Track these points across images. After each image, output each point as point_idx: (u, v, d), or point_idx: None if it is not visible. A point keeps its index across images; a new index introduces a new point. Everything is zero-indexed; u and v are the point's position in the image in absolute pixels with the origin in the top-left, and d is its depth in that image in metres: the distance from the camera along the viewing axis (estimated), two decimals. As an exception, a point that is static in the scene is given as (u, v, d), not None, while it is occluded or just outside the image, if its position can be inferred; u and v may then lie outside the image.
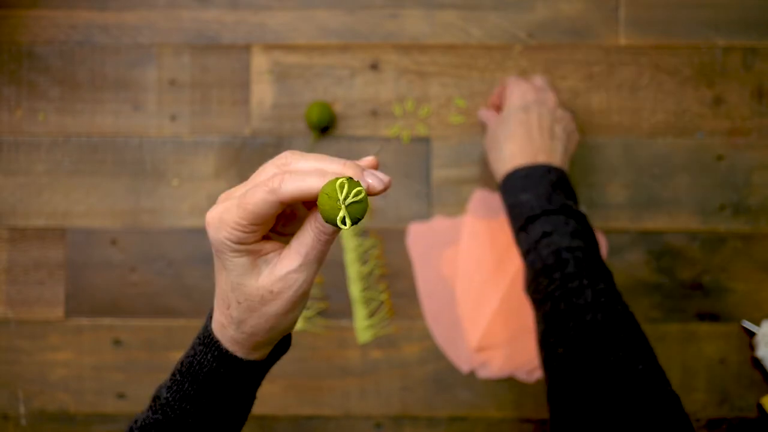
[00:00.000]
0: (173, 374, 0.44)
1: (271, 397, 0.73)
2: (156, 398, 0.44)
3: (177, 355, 0.72)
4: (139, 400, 0.73)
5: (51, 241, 0.75)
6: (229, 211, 0.37)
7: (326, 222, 0.36)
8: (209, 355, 0.42)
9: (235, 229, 0.37)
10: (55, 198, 0.75)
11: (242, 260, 0.38)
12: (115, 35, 0.75)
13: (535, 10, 0.75)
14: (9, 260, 0.75)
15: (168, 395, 0.43)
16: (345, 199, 0.35)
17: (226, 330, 0.41)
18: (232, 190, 0.39)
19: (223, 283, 0.40)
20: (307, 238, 0.38)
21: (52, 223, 0.75)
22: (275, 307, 0.39)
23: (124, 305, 0.74)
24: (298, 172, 0.36)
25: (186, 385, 0.43)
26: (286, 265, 0.38)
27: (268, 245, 0.39)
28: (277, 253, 0.39)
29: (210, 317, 0.43)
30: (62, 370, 0.74)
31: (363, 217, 0.36)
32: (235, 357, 0.42)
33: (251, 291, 0.39)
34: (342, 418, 0.73)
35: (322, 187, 0.35)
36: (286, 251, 0.39)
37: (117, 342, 0.74)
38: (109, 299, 0.74)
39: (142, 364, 0.74)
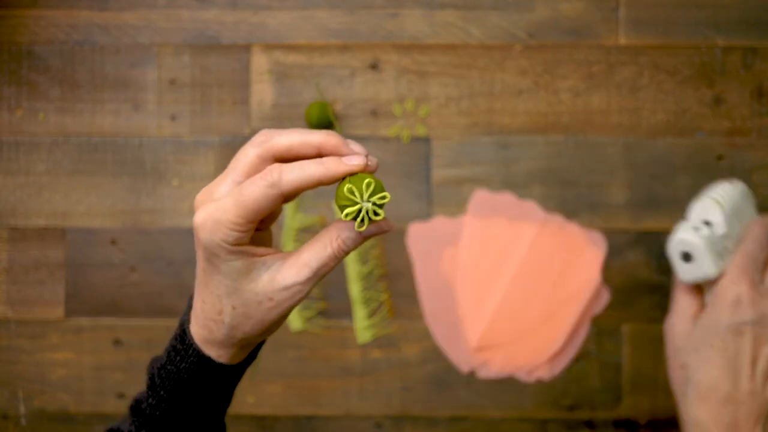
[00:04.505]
0: (154, 389, 0.42)
1: (271, 397, 0.73)
2: (138, 412, 0.43)
3: (177, 355, 0.72)
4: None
5: (51, 241, 0.75)
6: (225, 210, 0.35)
7: (344, 217, 0.35)
8: (200, 371, 0.40)
9: (232, 229, 0.35)
10: (55, 198, 0.75)
11: (238, 263, 0.36)
12: (115, 35, 0.75)
13: (535, 10, 0.75)
14: (9, 260, 0.75)
15: (157, 413, 0.42)
16: (370, 196, 0.35)
17: (213, 335, 0.39)
18: (210, 188, 0.37)
19: (215, 288, 0.37)
20: (322, 253, 0.36)
21: (52, 223, 0.75)
22: (273, 314, 0.37)
23: (124, 305, 0.74)
24: (295, 163, 0.35)
25: (177, 401, 0.41)
26: (291, 276, 0.37)
27: (260, 248, 0.38)
28: (276, 258, 0.37)
29: (183, 327, 0.41)
30: (62, 370, 0.74)
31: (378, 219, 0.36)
32: (223, 366, 0.40)
33: (248, 296, 0.37)
34: (342, 418, 0.73)
35: (346, 180, 0.35)
36: (293, 260, 0.37)
37: (117, 342, 0.74)
38: (109, 299, 0.74)
39: (142, 364, 0.74)
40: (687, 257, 0.53)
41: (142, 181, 0.75)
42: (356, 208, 0.35)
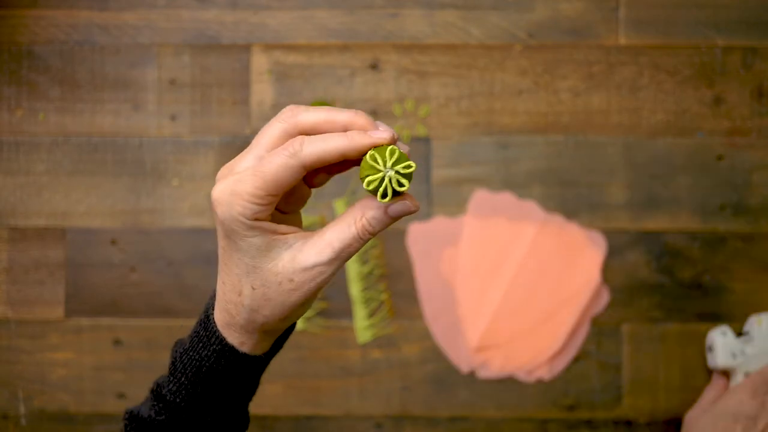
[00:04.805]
0: (175, 375, 0.41)
1: (271, 397, 0.73)
2: (159, 397, 0.42)
3: (177, 355, 0.72)
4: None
5: (51, 241, 0.75)
6: (243, 181, 0.34)
7: (366, 189, 0.34)
8: (222, 359, 0.39)
9: (250, 201, 0.34)
10: (55, 198, 0.75)
11: (258, 240, 0.35)
12: (115, 35, 0.75)
13: (535, 10, 0.75)
14: (9, 260, 0.75)
15: (177, 399, 0.41)
16: (393, 165, 0.33)
17: (234, 320, 0.38)
18: (232, 163, 0.36)
19: (234, 267, 0.36)
20: (346, 232, 0.35)
21: (52, 223, 0.75)
22: (294, 297, 0.36)
23: (124, 305, 0.74)
24: (318, 135, 0.34)
25: (199, 389, 0.40)
26: (313, 256, 0.35)
27: (282, 226, 0.36)
28: (298, 237, 0.36)
29: (207, 312, 0.40)
30: (62, 370, 0.74)
31: (402, 191, 0.34)
32: (246, 355, 0.39)
33: (268, 276, 0.35)
34: (342, 418, 0.73)
35: (370, 152, 0.34)
36: (316, 240, 0.35)
37: (117, 342, 0.74)
38: (109, 299, 0.74)
39: (142, 364, 0.74)
40: (710, 349, 0.71)
41: (142, 181, 0.75)
42: (379, 176, 0.33)
